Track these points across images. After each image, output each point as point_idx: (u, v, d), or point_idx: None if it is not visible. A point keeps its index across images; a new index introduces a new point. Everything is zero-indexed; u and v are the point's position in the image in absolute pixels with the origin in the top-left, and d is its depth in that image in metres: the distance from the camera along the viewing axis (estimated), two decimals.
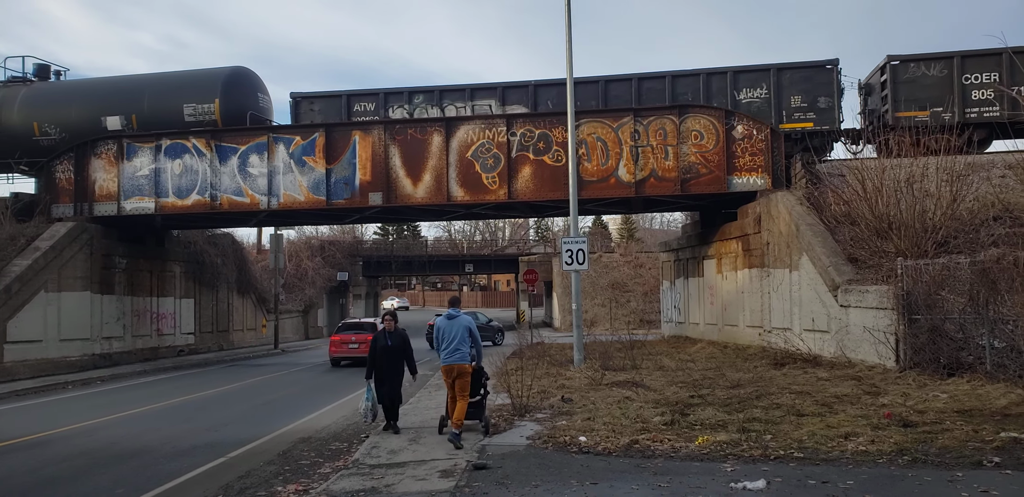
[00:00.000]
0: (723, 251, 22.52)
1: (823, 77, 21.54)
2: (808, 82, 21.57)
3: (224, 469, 9.03)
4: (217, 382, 19.33)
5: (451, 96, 23.58)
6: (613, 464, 7.74)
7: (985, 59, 20.30)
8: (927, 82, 20.53)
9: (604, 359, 16.48)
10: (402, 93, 23.83)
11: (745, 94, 21.85)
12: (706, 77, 22.17)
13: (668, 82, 22.27)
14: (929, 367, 12.08)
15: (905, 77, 20.71)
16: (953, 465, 7.21)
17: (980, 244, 13.81)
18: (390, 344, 10.23)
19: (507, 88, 23.36)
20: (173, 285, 28.03)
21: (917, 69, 20.64)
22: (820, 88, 21.46)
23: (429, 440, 9.59)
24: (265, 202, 22.44)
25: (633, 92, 22.45)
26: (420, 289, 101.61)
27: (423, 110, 23.42)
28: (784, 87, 21.64)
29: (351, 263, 52.14)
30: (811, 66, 21.78)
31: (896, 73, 20.82)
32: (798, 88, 21.58)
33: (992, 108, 20.06)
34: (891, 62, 20.87)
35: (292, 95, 24.51)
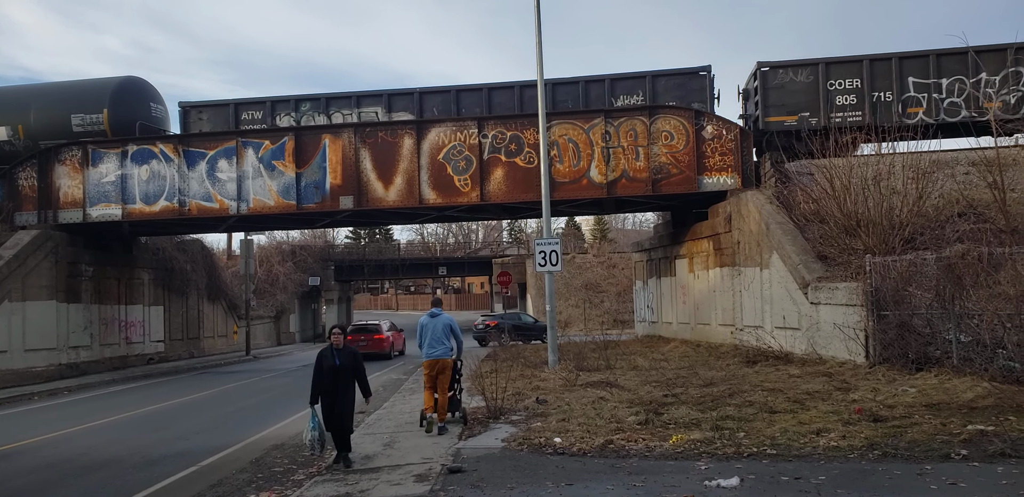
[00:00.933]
0: (695, 250, 22.69)
1: (696, 83, 22.04)
2: (682, 89, 22.04)
3: (196, 478, 8.89)
4: (187, 390, 19.05)
5: (337, 103, 23.72)
6: (588, 465, 7.73)
7: (848, 66, 20.95)
8: (795, 88, 21.04)
9: (578, 360, 16.51)
10: (289, 101, 23.98)
11: (623, 101, 22.22)
12: (585, 85, 22.54)
13: (549, 89, 22.45)
14: (898, 362, 12.25)
15: (774, 83, 21.19)
16: (922, 458, 7.30)
17: (945, 240, 14.04)
18: (338, 363, 8.67)
19: (392, 95, 23.59)
20: (142, 292, 27.60)
21: (786, 75, 21.15)
22: (693, 94, 21.88)
23: (404, 444, 9.52)
24: (235, 207, 22.18)
25: (516, 99, 22.71)
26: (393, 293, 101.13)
27: (310, 118, 23.56)
28: (659, 93, 22.03)
29: (323, 268, 51.78)
30: (685, 73, 22.28)
31: (766, 79, 21.31)
32: (672, 94, 21.98)
33: (855, 113, 20.66)
34: (761, 68, 21.35)
35: (180, 104, 24.50)
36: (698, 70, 22.17)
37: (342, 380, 8.72)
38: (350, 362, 8.80)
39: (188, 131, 23.80)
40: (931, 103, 20.53)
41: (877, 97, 20.69)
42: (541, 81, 17.85)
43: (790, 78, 21.07)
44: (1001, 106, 20.02)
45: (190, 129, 23.93)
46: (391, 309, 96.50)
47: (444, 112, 22.78)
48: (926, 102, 20.53)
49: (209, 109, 24.31)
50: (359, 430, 10.84)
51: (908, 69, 20.67)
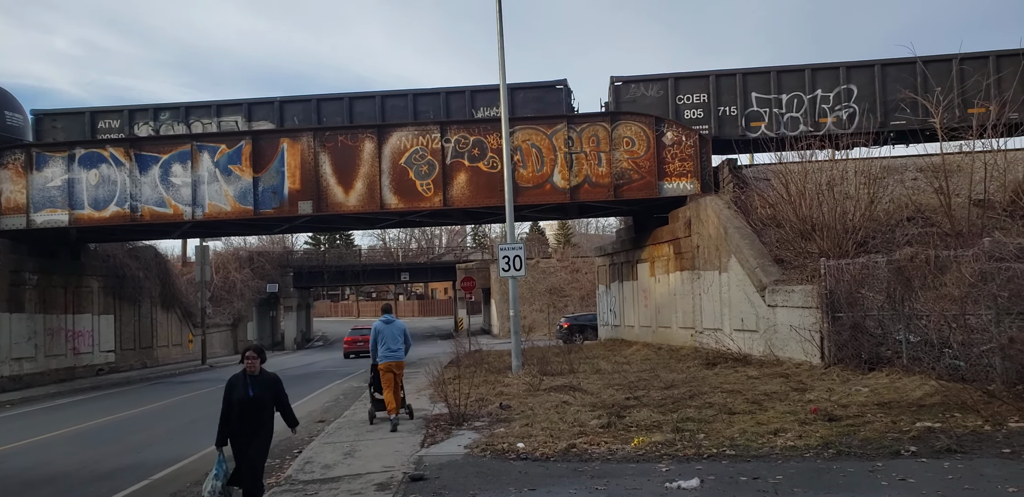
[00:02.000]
0: (656, 255, 22.92)
1: (553, 97, 22.59)
2: (539, 102, 22.56)
3: (148, 492, 8.70)
4: (140, 401, 18.62)
5: (197, 113, 23.75)
6: (551, 469, 7.74)
7: (696, 81, 21.80)
8: (646, 102, 21.77)
9: (542, 364, 16.54)
10: (147, 110, 23.92)
11: (483, 112, 22.63)
12: (446, 96, 22.97)
13: (411, 100, 22.98)
14: (852, 362, 12.52)
15: (627, 97, 21.91)
16: (874, 456, 7.47)
17: (896, 244, 14.41)
18: (252, 394, 6.84)
19: (253, 104, 23.72)
20: (91, 301, 26.90)
21: (638, 89, 21.92)
22: (551, 107, 22.37)
23: (365, 453, 9.42)
24: (189, 213, 21.78)
25: (377, 109, 23.06)
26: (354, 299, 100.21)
27: (169, 127, 23.52)
28: (518, 106, 22.43)
29: (281, 274, 51.10)
30: (542, 86, 22.87)
31: (619, 93, 22.02)
32: (531, 107, 22.45)
33: (703, 127, 21.48)
34: (615, 82, 21.98)
35: (33, 112, 24.10)
36: (555, 83, 22.84)
37: (258, 416, 6.90)
38: (268, 392, 6.97)
39: (42, 139, 23.30)
40: (772, 117, 21.52)
41: (723, 111, 21.64)
42: (504, 87, 17.88)
43: (642, 92, 21.85)
44: (835, 121, 21.25)
45: (43, 137, 23.57)
46: (352, 316, 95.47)
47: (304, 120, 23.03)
48: (767, 116, 21.51)
49: (64, 117, 23.96)
50: (319, 439, 10.72)
51: (752, 85, 21.67)
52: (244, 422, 6.86)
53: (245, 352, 7.12)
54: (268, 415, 7.01)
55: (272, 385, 7.08)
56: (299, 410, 15.20)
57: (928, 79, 20.97)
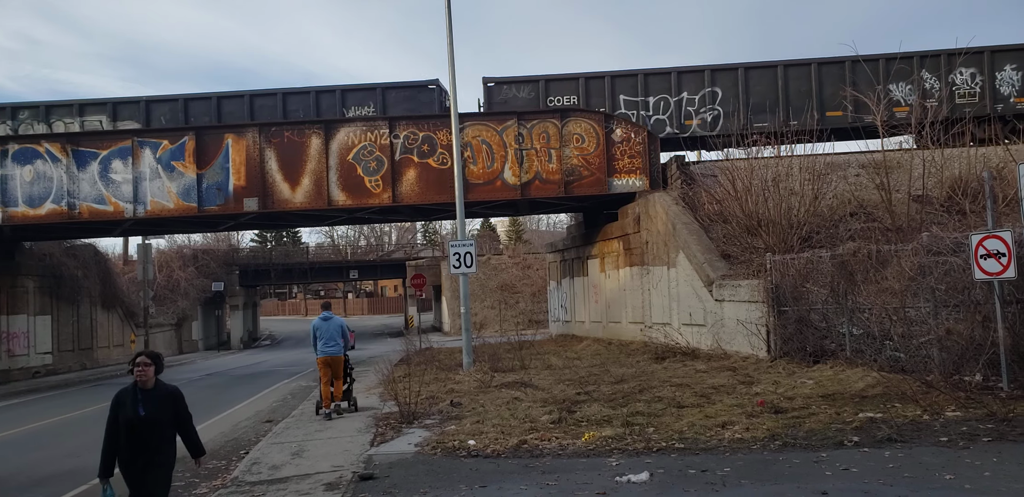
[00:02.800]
0: (606, 250, 23.09)
1: (425, 96, 22.88)
2: (412, 101, 22.84)
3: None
4: (78, 404, 18.02)
5: (59, 112, 23.39)
6: (502, 466, 7.72)
7: (566, 83, 22.32)
8: (518, 103, 22.18)
9: (493, 361, 16.52)
10: (5, 109, 23.41)
11: (353, 111, 22.80)
12: (316, 95, 23.08)
13: (280, 99, 23.03)
14: (797, 355, 12.78)
15: (499, 98, 22.32)
16: (819, 447, 7.63)
17: (839, 238, 14.75)
18: (143, 413, 5.47)
19: (118, 104, 23.51)
20: (26, 301, 25.95)
21: (510, 90, 22.35)
22: (423, 107, 22.67)
23: (314, 452, 9.27)
24: (130, 210, 21.15)
25: (246, 109, 23.04)
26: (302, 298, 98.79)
27: (28, 126, 23.08)
28: (390, 105, 22.70)
29: (227, 272, 50.05)
30: (414, 86, 23.12)
31: (492, 94, 22.39)
32: (403, 107, 22.69)
33: None
34: (487, 83, 22.37)
35: None
36: (427, 83, 23.06)
37: (151, 440, 5.50)
38: (165, 411, 5.61)
39: None
40: (639, 119, 22.10)
41: None
42: (452, 83, 17.76)
43: (513, 93, 22.22)
44: (700, 123, 22.01)
45: None
46: (300, 314, 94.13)
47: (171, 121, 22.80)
48: (635, 118, 22.07)
49: None
50: (267, 439, 10.52)
51: (620, 87, 22.19)
52: (134, 448, 5.46)
53: (135, 359, 5.64)
54: (165, 439, 5.58)
55: (170, 402, 5.66)
56: (246, 410, 15.07)
57: (788, 83, 21.89)
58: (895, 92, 21.80)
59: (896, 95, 21.77)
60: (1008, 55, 21.73)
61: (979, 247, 9.32)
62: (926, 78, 21.74)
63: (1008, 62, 21.68)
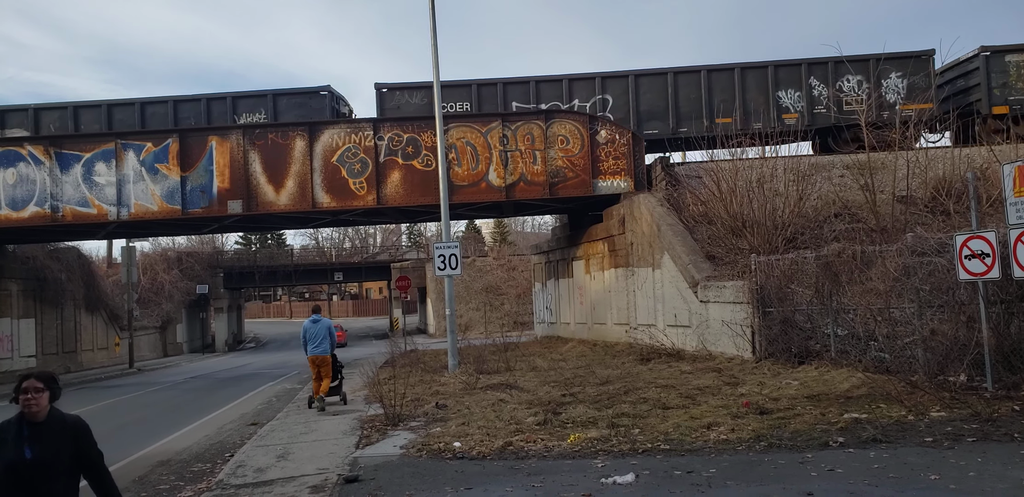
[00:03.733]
0: (591, 252, 23.11)
1: (317, 103, 23.03)
2: (303, 107, 22.98)
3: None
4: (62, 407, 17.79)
5: None
6: (488, 468, 7.69)
7: (459, 89, 22.55)
8: (410, 109, 22.39)
9: (479, 363, 16.47)
10: None
11: (245, 118, 22.89)
12: (207, 102, 23.23)
13: (171, 106, 23.18)
14: (782, 356, 12.82)
15: (391, 104, 22.50)
16: (804, 447, 7.65)
17: (824, 239, 14.83)
18: (31, 456, 4.00)
19: (5, 112, 23.55)
20: (9, 304, 25.68)
21: (402, 97, 22.56)
22: (315, 113, 22.79)
23: (299, 455, 9.20)
24: (114, 213, 20.96)
25: (137, 116, 23.16)
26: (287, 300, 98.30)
27: None
28: (281, 112, 22.86)
29: (211, 275, 49.81)
30: (306, 92, 23.30)
31: (384, 100, 22.56)
32: (294, 113, 22.85)
33: None
34: (380, 90, 22.62)
35: None
36: (318, 90, 23.24)
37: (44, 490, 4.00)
38: (62, 450, 4.09)
39: None
40: None
41: None
42: (437, 85, 17.71)
43: (406, 100, 22.44)
44: None
45: None
46: (284, 317, 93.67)
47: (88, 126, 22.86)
48: None
49: None
50: (252, 442, 10.43)
51: (512, 94, 22.47)
52: None
53: (21, 383, 4.16)
54: (62, 488, 4.06)
55: (69, 438, 4.13)
56: (231, 413, 14.99)
57: (679, 90, 22.25)
58: (784, 99, 22.28)
59: (785, 102, 22.21)
60: (894, 63, 22.18)
61: (963, 247, 9.39)
62: (814, 85, 22.18)
63: (894, 70, 22.13)
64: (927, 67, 22.00)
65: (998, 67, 21.50)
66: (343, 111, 23.73)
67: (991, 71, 21.47)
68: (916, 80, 21.87)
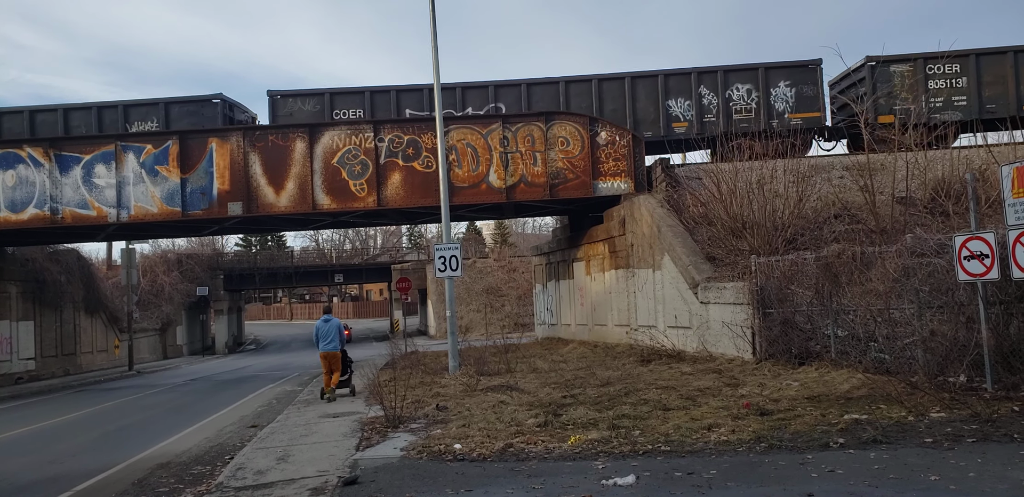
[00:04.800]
0: (591, 253, 23.11)
1: (209, 111, 23.20)
2: (195, 115, 23.20)
3: None
4: (62, 410, 17.83)
5: None
6: (488, 469, 7.69)
7: (352, 96, 22.97)
8: (303, 116, 22.63)
9: (479, 364, 16.47)
10: None
11: (137, 127, 23.11)
12: (98, 110, 23.36)
13: (61, 114, 23.38)
14: (782, 357, 12.82)
15: (284, 111, 22.80)
16: (804, 448, 7.64)
17: (823, 240, 14.83)
18: None
19: None
20: (8, 307, 25.68)
21: (295, 103, 22.85)
22: (206, 121, 22.93)
23: (299, 457, 9.20)
24: (114, 215, 20.96)
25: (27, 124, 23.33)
26: (287, 302, 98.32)
27: None
28: (173, 120, 23.02)
29: (211, 277, 49.79)
30: (198, 100, 23.57)
31: (276, 107, 22.89)
32: (186, 121, 22.98)
33: None
34: (272, 97, 22.88)
35: None
36: (210, 98, 23.45)
37: None
38: None
39: None
40: None
41: None
42: (438, 86, 17.73)
43: (299, 106, 22.69)
44: None
45: None
46: (285, 319, 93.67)
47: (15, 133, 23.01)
48: None
49: None
50: (252, 444, 10.43)
51: (405, 101, 22.83)
52: None
53: None
54: None
55: None
56: (231, 415, 15.02)
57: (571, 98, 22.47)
58: (674, 108, 22.55)
59: (675, 111, 22.47)
60: (781, 72, 22.45)
61: (963, 248, 9.39)
62: (704, 94, 22.40)
63: (782, 79, 22.40)
64: (815, 76, 22.47)
65: (883, 77, 21.94)
66: (240, 118, 23.83)
67: (877, 81, 21.88)
68: (805, 89, 22.28)
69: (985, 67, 21.60)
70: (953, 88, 21.64)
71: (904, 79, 21.69)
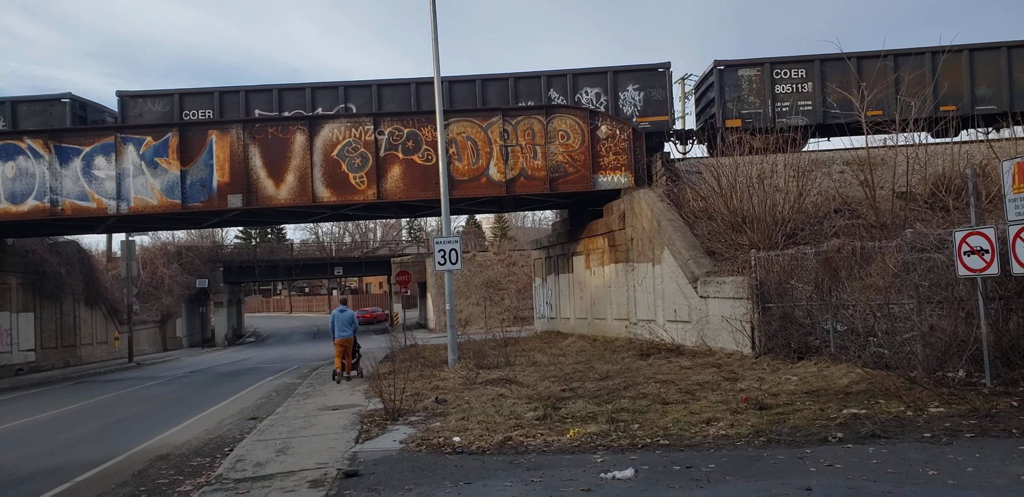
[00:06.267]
0: (591, 247, 23.10)
1: (57, 110, 22.98)
2: (43, 114, 22.97)
3: (70, 495, 8.31)
4: (62, 401, 17.86)
5: None
6: (487, 462, 7.70)
7: (201, 97, 22.84)
8: (152, 117, 22.64)
9: (478, 358, 16.50)
10: None
11: None
12: None
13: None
14: (782, 352, 12.84)
15: (133, 112, 22.80)
16: (803, 443, 7.66)
17: (823, 235, 14.83)
18: None
19: None
20: (8, 298, 25.69)
21: (144, 104, 22.81)
22: (55, 120, 22.76)
23: (298, 450, 9.22)
24: (114, 207, 20.95)
25: None
26: (287, 294, 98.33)
27: None
28: (21, 120, 22.82)
29: (211, 269, 49.79)
30: (46, 100, 23.32)
31: (126, 107, 22.84)
32: (34, 120, 22.79)
33: None
34: (121, 96, 22.87)
35: None
36: (59, 97, 23.23)
37: None
38: None
39: None
40: None
41: None
42: (438, 79, 17.67)
43: (148, 107, 22.67)
44: None
45: None
46: (285, 311, 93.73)
47: None
48: None
49: None
50: (251, 436, 10.45)
51: (255, 102, 22.75)
52: None
53: None
54: None
55: None
56: (230, 407, 15.04)
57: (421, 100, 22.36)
58: None
59: None
60: (630, 75, 22.52)
61: (963, 244, 9.39)
62: (554, 97, 22.47)
63: (631, 82, 22.46)
64: (663, 80, 22.52)
65: (731, 81, 22.04)
66: (96, 118, 23.67)
67: (725, 85, 22.00)
68: (653, 93, 22.36)
69: (829, 72, 21.73)
70: (799, 93, 21.84)
71: (752, 83, 21.87)
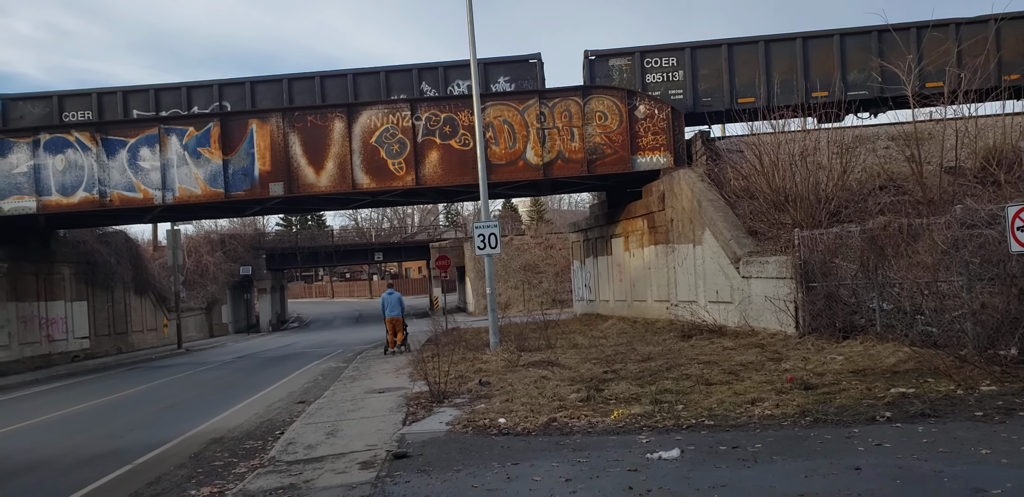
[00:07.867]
0: (630, 229, 22.99)
1: None
2: None
3: (132, 476, 8.63)
4: (117, 387, 18.45)
5: None
6: (533, 443, 7.80)
7: (80, 99, 22.72)
8: (32, 119, 22.52)
9: (519, 340, 16.60)
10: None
11: None
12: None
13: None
14: (826, 331, 12.69)
15: (15, 114, 22.84)
16: (850, 422, 7.60)
17: (868, 213, 14.56)
18: None
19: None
20: (63, 288, 26.51)
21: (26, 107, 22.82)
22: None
23: (347, 432, 9.43)
24: (159, 197, 21.41)
25: None
26: (328, 280, 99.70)
27: None
28: None
29: (254, 256, 50.68)
30: None
31: (7, 110, 22.78)
32: None
33: None
34: (4, 100, 22.86)
35: None
36: None
37: None
38: None
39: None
40: None
41: None
42: (474, 61, 17.65)
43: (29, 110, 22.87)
44: None
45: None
46: (326, 297, 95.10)
47: None
48: None
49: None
50: (301, 420, 10.71)
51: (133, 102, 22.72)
52: None
53: None
54: None
55: None
56: (279, 391, 15.41)
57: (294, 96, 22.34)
58: None
59: None
60: (501, 67, 22.36)
61: (1015, 219, 9.14)
62: (426, 90, 22.27)
63: (501, 74, 22.29)
64: (534, 71, 22.30)
65: (602, 71, 21.80)
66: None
67: (596, 75, 21.77)
68: (524, 84, 22.14)
69: (701, 60, 21.41)
70: (670, 82, 21.59)
71: (623, 73, 21.66)
